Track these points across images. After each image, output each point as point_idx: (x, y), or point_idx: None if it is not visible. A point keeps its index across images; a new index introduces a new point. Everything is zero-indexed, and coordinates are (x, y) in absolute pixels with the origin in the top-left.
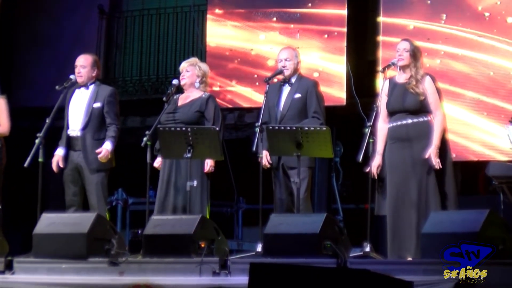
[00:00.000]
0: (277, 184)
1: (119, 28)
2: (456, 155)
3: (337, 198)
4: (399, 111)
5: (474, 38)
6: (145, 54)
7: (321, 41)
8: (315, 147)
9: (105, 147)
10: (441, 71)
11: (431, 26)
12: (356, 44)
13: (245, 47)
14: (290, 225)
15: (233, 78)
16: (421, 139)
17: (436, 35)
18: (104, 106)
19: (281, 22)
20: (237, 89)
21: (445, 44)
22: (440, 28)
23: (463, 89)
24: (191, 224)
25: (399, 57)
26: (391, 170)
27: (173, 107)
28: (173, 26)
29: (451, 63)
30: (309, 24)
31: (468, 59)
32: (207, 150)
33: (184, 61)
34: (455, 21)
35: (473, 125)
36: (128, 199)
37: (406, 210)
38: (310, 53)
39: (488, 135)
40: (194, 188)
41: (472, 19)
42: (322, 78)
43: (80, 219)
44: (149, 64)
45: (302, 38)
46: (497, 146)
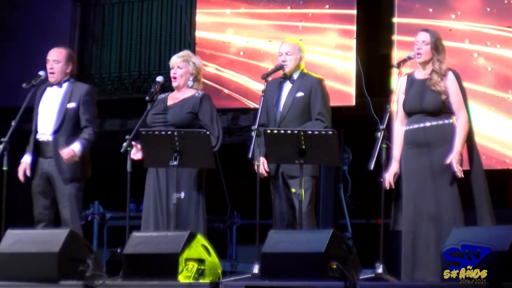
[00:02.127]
0: (277, 196)
1: (95, 18)
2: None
3: (345, 212)
4: (417, 111)
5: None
6: (126, 48)
7: (328, 32)
8: (320, 154)
9: (72, 147)
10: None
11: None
12: (367, 34)
13: (239, 39)
14: (291, 243)
15: (226, 75)
16: (442, 144)
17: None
18: (79, 106)
19: (281, 9)
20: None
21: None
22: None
23: (486, 87)
24: (178, 242)
25: (417, 50)
26: (407, 179)
27: (162, 107)
28: (158, 15)
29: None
30: (314, 18)
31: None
32: (196, 158)
33: (175, 56)
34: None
35: (501, 129)
36: (105, 214)
37: (424, 226)
38: (315, 46)
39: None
40: (186, 201)
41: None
42: (328, 74)
43: (51, 237)
44: (130, 59)
45: (307, 31)
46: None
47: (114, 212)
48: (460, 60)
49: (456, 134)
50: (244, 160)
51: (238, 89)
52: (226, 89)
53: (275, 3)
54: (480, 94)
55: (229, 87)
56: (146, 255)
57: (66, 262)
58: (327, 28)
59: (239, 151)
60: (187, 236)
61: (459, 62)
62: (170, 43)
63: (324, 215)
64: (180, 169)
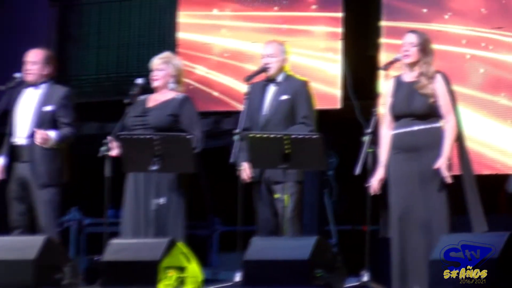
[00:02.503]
0: (260, 201)
1: (73, 18)
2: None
3: (331, 218)
4: (404, 115)
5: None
6: (105, 49)
7: (313, 34)
8: (305, 159)
9: (48, 133)
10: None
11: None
12: (354, 35)
13: (223, 40)
14: (275, 250)
15: (208, 77)
16: (430, 149)
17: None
18: (56, 109)
19: (266, 10)
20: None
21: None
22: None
23: (477, 90)
24: (158, 249)
25: (405, 52)
26: (395, 185)
27: (142, 109)
28: (138, 16)
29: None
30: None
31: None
32: (177, 162)
33: (155, 58)
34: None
35: (491, 133)
36: (83, 220)
37: (412, 233)
38: (300, 48)
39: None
40: (165, 206)
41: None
42: (314, 77)
43: (26, 243)
44: (108, 60)
45: (292, 33)
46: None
47: (92, 218)
48: (452, 63)
49: (445, 139)
50: (227, 165)
51: (223, 92)
52: (215, 91)
53: (260, 4)
54: (471, 97)
55: (214, 89)
56: (125, 262)
57: (43, 270)
58: (313, 29)
59: (221, 155)
60: (167, 243)
61: (450, 65)
62: (150, 44)
63: (308, 221)
64: (160, 174)
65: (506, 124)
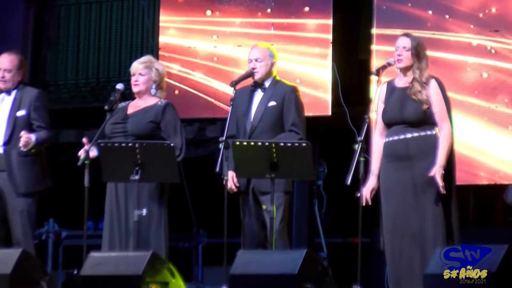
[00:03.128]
0: (246, 213)
1: (50, 20)
2: (466, 178)
3: (320, 230)
4: (397, 122)
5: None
6: (83, 52)
7: (302, 38)
8: (293, 168)
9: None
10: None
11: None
12: (344, 39)
13: (207, 44)
14: (262, 263)
15: (192, 82)
16: (424, 158)
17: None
18: (29, 113)
19: (253, 13)
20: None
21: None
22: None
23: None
24: (140, 263)
25: (397, 57)
26: (387, 195)
27: (122, 115)
28: (118, 18)
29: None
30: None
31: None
32: (160, 171)
33: (136, 62)
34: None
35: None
36: (61, 232)
37: (406, 246)
38: (288, 53)
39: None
40: (147, 218)
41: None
42: (303, 82)
43: (2, 257)
44: (87, 65)
45: (280, 37)
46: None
47: (71, 230)
48: (449, 69)
49: (439, 147)
50: (211, 174)
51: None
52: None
53: (248, 9)
54: (468, 105)
55: (198, 95)
56: (105, 277)
57: (19, 284)
58: (301, 34)
59: (206, 164)
60: (149, 257)
61: (448, 71)
62: (131, 48)
63: (297, 233)
64: (140, 184)
65: (506, 133)
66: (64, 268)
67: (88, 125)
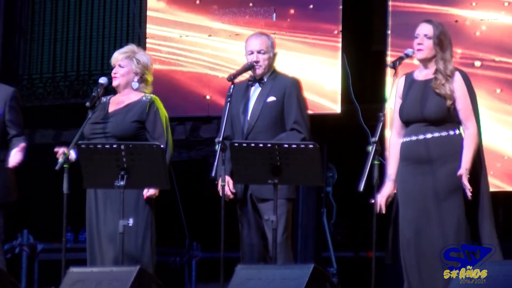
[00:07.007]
0: (245, 224)
1: (23, 7)
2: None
3: (329, 242)
4: (416, 120)
5: None
6: (61, 43)
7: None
8: (298, 172)
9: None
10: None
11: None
12: (355, 27)
13: (200, 33)
14: (262, 281)
15: (183, 76)
16: (447, 161)
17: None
18: (4, 113)
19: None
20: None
21: None
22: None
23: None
24: (125, 280)
25: (418, 46)
26: (405, 202)
27: (102, 114)
28: (100, 3)
29: None
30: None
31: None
32: (147, 176)
33: (117, 52)
34: None
35: None
36: (36, 245)
37: (427, 260)
38: (292, 42)
39: None
40: (133, 229)
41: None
42: (308, 76)
43: None
44: (66, 57)
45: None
46: None
47: (47, 243)
48: None
49: (464, 148)
50: (206, 180)
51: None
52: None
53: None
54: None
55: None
56: None
57: None
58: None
59: (199, 168)
60: (136, 273)
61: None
62: (115, 37)
63: (303, 246)
64: (126, 190)
65: None
66: (40, 285)
67: (66, 125)
